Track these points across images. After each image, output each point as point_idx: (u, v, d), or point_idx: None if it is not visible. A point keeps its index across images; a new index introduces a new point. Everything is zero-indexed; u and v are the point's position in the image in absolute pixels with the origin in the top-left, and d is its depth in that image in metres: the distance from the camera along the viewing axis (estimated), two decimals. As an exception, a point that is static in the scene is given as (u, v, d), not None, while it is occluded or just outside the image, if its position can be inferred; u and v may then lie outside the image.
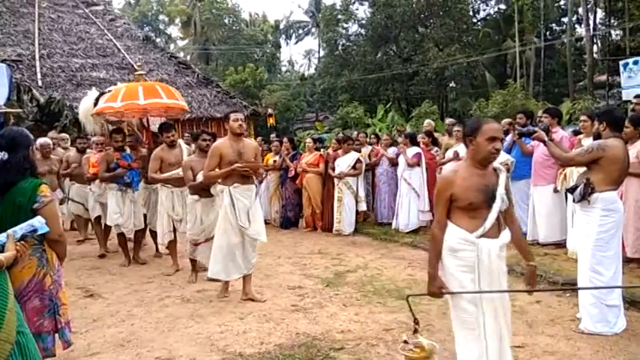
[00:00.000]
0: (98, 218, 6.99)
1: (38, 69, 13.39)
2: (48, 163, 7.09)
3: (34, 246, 2.60)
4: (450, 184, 2.66)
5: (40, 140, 7.10)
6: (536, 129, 4.66)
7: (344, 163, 7.86)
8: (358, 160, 7.84)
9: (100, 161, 6.34)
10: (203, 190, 5.11)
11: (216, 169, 4.62)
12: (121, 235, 6.34)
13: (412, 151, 7.53)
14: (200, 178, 4.98)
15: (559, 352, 3.44)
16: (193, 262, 5.50)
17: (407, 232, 7.44)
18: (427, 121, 10.06)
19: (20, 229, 2.35)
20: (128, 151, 6.36)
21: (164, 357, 3.58)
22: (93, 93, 7.24)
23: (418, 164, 7.50)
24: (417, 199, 7.46)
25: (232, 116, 4.69)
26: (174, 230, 5.92)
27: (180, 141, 6.19)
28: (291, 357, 3.46)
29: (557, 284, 4.79)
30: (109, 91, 6.70)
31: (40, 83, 12.91)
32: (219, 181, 4.63)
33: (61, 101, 11.40)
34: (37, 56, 13.81)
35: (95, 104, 6.70)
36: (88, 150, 7.42)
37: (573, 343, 3.58)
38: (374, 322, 4.06)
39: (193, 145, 6.23)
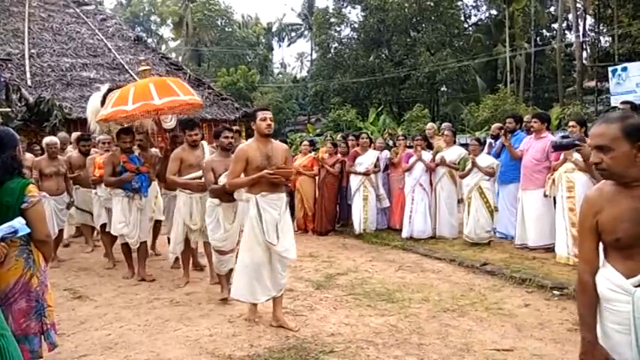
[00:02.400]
0: (104, 226, 6.35)
1: (27, 68, 13.27)
2: (55, 164, 6.39)
3: (20, 247, 2.57)
4: (594, 209, 1.92)
5: (47, 139, 6.60)
6: (578, 142, 4.56)
7: (367, 160, 7.77)
8: (378, 159, 7.80)
9: (105, 163, 5.66)
10: (225, 194, 4.55)
11: (242, 175, 4.05)
12: (126, 245, 5.75)
13: (427, 155, 7.39)
14: (223, 180, 4.45)
15: (547, 355, 3.46)
16: (221, 277, 4.86)
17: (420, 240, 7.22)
18: (430, 124, 10.04)
19: (0, 231, 2.33)
20: (136, 152, 5.73)
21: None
22: (103, 88, 6.49)
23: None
24: (429, 204, 7.33)
25: (260, 114, 4.03)
26: (187, 241, 5.35)
27: (204, 142, 5.50)
28: (280, 360, 3.45)
29: (545, 288, 4.82)
30: (117, 87, 6.04)
31: (29, 82, 12.79)
32: (245, 189, 4.08)
33: (51, 101, 11.28)
34: (26, 55, 13.68)
35: (102, 102, 5.96)
36: (93, 150, 6.89)
37: (561, 346, 3.60)
38: (364, 325, 4.06)
39: (206, 147, 5.50)
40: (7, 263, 2.48)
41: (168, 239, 5.74)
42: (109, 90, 6.13)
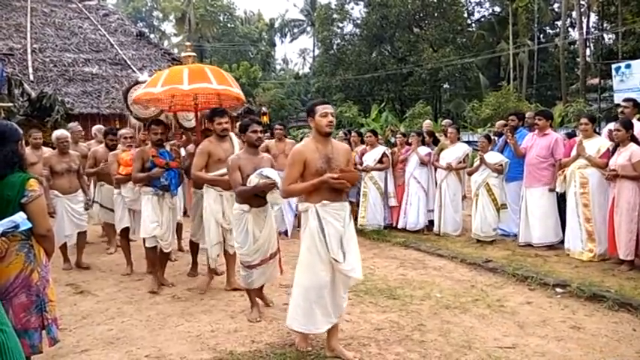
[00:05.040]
0: (126, 230, 5.88)
1: (30, 63, 13.28)
2: (66, 160, 5.88)
3: (21, 241, 2.57)
4: None
5: (57, 133, 6.11)
6: None
7: (370, 157, 7.78)
8: (384, 155, 7.75)
9: (134, 159, 5.17)
10: (255, 198, 4.01)
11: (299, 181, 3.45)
12: (152, 250, 5.11)
13: (423, 150, 7.54)
14: (255, 180, 3.91)
15: (549, 353, 3.45)
16: (250, 293, 4.28)
17: (413, 232, 7.42)
18: (427, 121, 10.12)
19: (1, 225, 2.32)
20: (167, 147, 5.23)
21: (154, 355, 3.55)
22: (144, 77, 6.16)
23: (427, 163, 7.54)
24: (425, 197, 7.48)
25: (320, 109, 3.41)
26: (225, 241, 4.79)
27: (232, 134, 4.95)
28: (282, 356, 3.45)
29: (548, 285, 4.81)
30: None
31: (31, 77, 12.80)
32: (302, 197, 3.51)
33: (53, 96, 11.28)
34: (28, 50, 13.69)
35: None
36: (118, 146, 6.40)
37: (564, 344, 3.59)
38: (365, 322, 4.05)
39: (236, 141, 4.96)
40: (7, 258, 2.48)
41: (192, 243, 5.40)
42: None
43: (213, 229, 4.69)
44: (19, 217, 2.39)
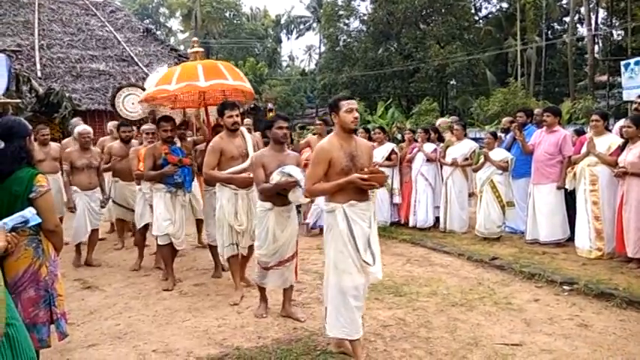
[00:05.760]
0: (146, 227, 5.71)
1: (37, 59, 13.35)
2: (87, 156, 5.80)
3: (30, 236, 2.58)
4: None
5: (79, 128, 5.99)
6: None
7: (379, 154, 7.76)
8: (393, 152, 7.73)
9: (145, 156, 5.10)
10: (278, 196, 3.87)
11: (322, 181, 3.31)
12: (167, 248, 5.05)
13: (430, 146, 7.51)
14: (276, 178, 3.79)
15: (557, 350, 3.44)
16: (262, 290, 4.21)
17: (421, 229, 7.39)
18: (442, 119, 10.09)
19: (11, 221, 2.33)
20: (178, 144, 5.17)
21: (161, 350, 3.57)
22: (162, 69, 6.03)
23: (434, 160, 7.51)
24: (432, 194, 7.46)
25: (345, 105, 3.27)
26: (237, 245, 4.54)
27: (243, 128, 4.77)
28: (288, 352, 3.45)
29: (555, 283, 4.78)
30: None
31: (39, 74, 12.88)
32: (327, 197, 3.34)
33: (60, 92, 11.35)
34: (36, 47, 13.76)
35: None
36: (134, 141, 6.37)
37: (571, 342, 3.57)
38: (372, 318, 4.05)
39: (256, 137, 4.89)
40: (16, 252, 2.50)
41: (210, 245, 5.28)
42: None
43: (226, 231, 4.48)
44: (29, 213, 2.41)
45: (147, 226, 5.69)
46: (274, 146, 4.03)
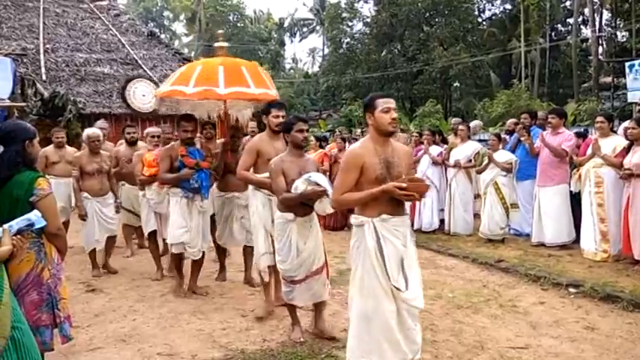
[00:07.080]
0: (154, 234, 5.60)
1: (42, 63, 13.39)
2: (97, 161, 5.52)
3: (32, 239, 2.59)
4: None
5: (89, 131, 5.75)
6: None
7: None
8: None
9: (160, 158, 4.74)
10: (300, 206, 3.55)
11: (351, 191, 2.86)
12: (179, 257, 4.81)
13: (435, 149, 7.50)
14: (301, 187, 3.45)
15: (563, 353, 3.42)
16: (291, 308, 3.80)
17: (426, 232, 7.35)
18: (455, 119, 10.09)
19: (16, 224, 2.34)
20: (198, 145, 4.82)
21: (166, 353, 3.57)
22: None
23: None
24: (437, 197, 7.45)
25: (381, 104, 2.86)
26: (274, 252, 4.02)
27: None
28: (293, 355, 3.45)
29: (561, 285, 4.76)
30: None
31: (44, 77, 12.91)
32: (357, 209, 2.92)
33: (65, 96, 11.40)
34: (41, 50, 13.81)
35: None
36: (140, 143, 6.12)
37: (577, 345, 3.55)
38: (376, 321, 4.03)
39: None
40: (18, 255, 2.49)
41: (218, 247, 5.14)
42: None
43: (262, 238, 4.11)
44: (34, 216, 2.41)
45: (155, 233, 5.58)
46: (293, 151, 3.70)
